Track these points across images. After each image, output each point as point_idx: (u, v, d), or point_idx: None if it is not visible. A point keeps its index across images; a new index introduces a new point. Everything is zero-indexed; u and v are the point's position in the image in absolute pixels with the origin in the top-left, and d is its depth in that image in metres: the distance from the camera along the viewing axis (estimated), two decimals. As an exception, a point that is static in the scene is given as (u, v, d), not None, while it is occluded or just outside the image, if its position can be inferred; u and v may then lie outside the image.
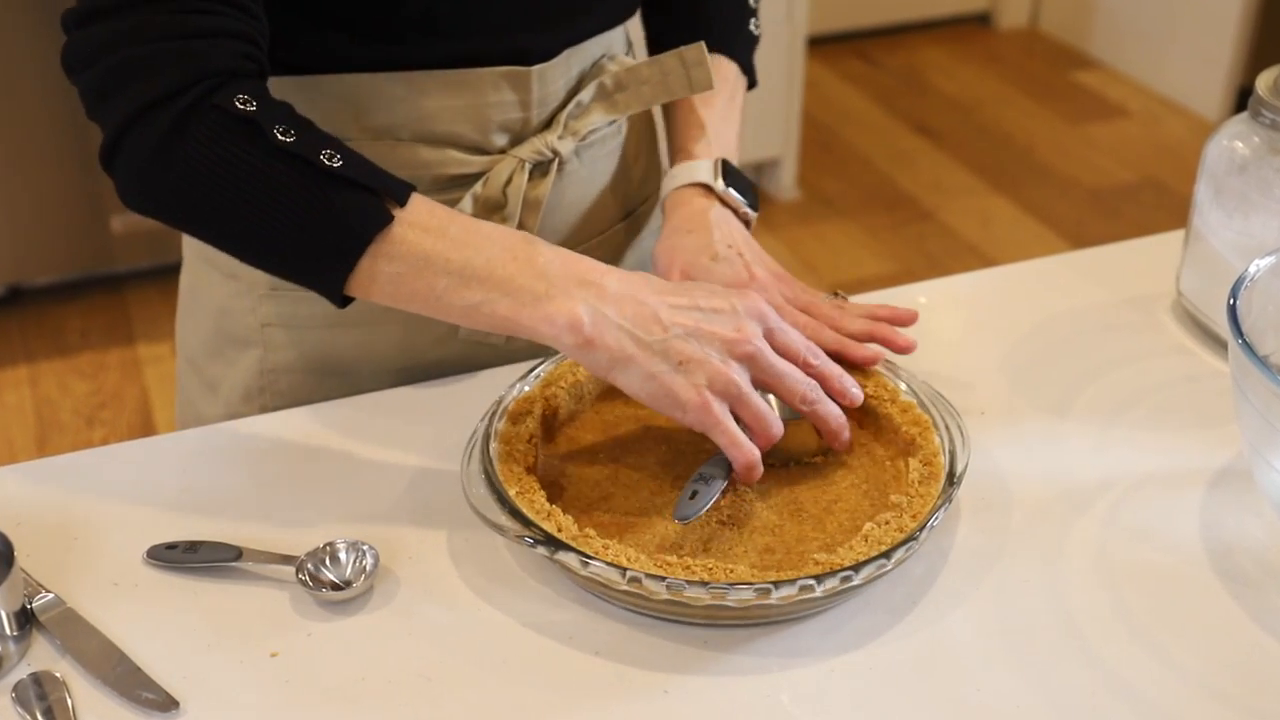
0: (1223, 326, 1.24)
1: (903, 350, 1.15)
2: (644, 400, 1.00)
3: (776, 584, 0.91)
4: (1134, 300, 1.35)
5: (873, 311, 1.19)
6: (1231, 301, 1.02)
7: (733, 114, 1.33)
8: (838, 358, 1.11)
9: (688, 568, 0.93)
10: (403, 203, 1.01)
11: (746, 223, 1.26)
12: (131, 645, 0.95)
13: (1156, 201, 3.79)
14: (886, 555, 0.94)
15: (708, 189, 1.25)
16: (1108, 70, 4.57)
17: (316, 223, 0.99)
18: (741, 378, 1.00)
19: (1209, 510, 1.08)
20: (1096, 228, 3.64)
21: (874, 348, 1.15)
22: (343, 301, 1.03)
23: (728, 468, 1.03)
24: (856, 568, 0.93)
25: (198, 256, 1.29)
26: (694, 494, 1.01)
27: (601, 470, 1.08)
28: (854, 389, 1.08)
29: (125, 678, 0.92)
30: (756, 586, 0.91)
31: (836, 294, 1.22)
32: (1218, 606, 0.99)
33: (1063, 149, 4.07)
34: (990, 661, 0.94)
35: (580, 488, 1.06)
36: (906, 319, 1.19)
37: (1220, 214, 1.25)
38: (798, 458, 1.08)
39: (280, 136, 0.99)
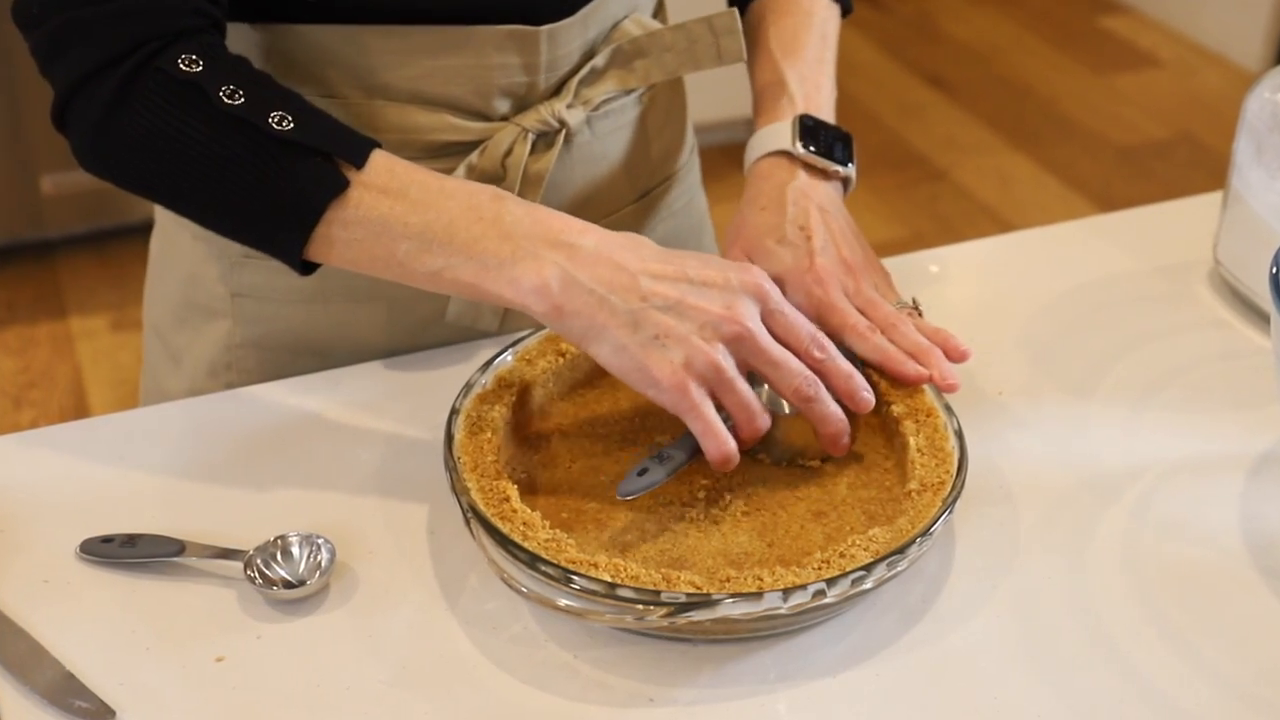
0: (1264, 297, 1.24)
1: (945, 389, 1.09)
2: (616, 374, 1.00)
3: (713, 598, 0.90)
4: (1166, 269, 1.35)
5: (929, 336, 1.14)
6: (1274, 270, 1.02)
7: (826, 55, 1.29)
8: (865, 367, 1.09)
9: (619, 570, 0.92)
10: (360, 164, 1.02)
11: (845, 181, 1.23)
12: (63, 649, 0.94)
13: (1191, 160, 3.79)
14: (853, 575, 0.92)
15: (791, 156, 1.22)
16: (1137, 15, 4.57)
17: (268, 191, 1.02)
18: (726, 360, 0.99)
19: (1249, 500, 1.08)
20: (1125, 188, 3.64)
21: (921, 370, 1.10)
22: (304, 268, 1.05)
23: (692, 451, 1.03)
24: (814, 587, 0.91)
25: (169, 216, 1.30)
26: (644, 471, 1.01)
27: (572, 457, 1.08)
28: (864, 391, 1.05)
29: (56, 685, 0.91)
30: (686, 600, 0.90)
31: (914, 302, 1.18)
32: (1259, 606, 0.99)
33: (1088, 102, 4.07)
34: (1009, 668, 0.94)
35: (550, 474, 1.06)
36: (958, 355, 1.13)
37: (1262, 174, 1.25)
38: (793, 458, 1.07)
39: (226, 100, 1.01)
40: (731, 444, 1.00)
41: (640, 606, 0.90)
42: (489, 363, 1.10)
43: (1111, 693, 0.92)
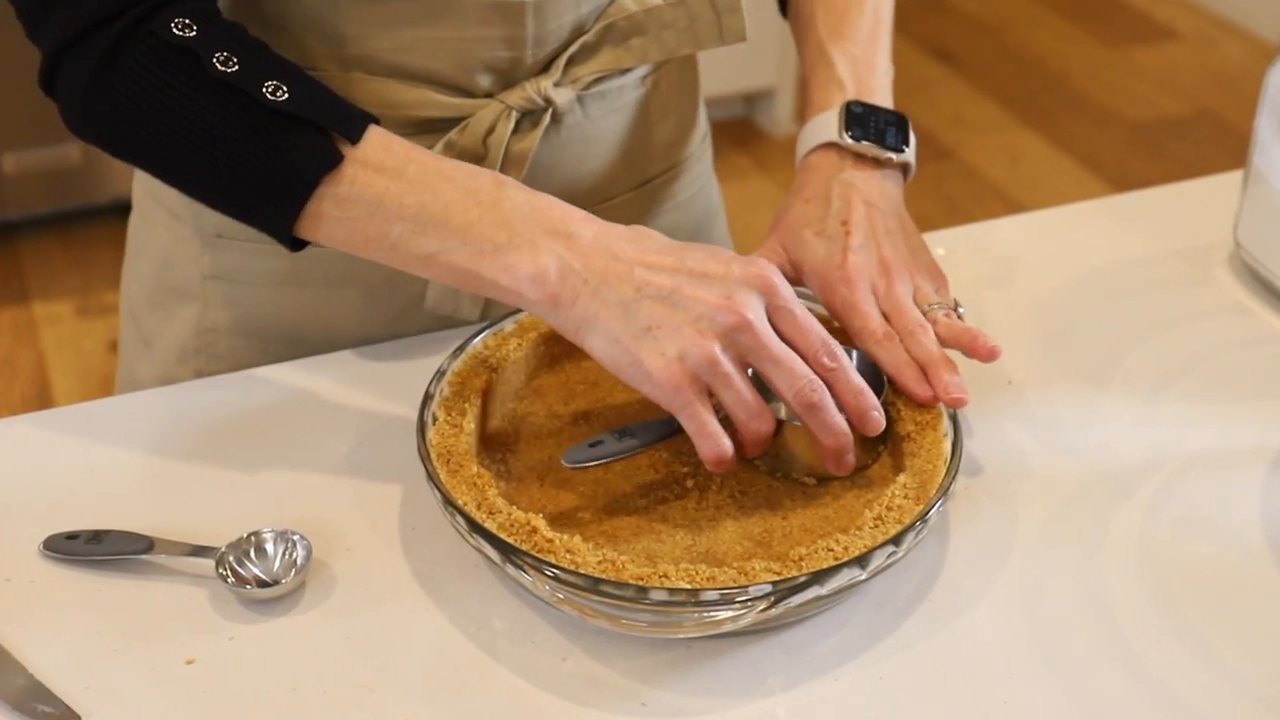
0: (1287, 282, 1.24)
1: (949, 404, 1.06)
2: (610, 369, 1.00)
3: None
4: (1184, 252, 1.35)
5: (956, 337, 1.10)
6: (1297, 253, 1.02)
7: (880, 31, 1.27)
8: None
9: (568, 550, 0.93)
10: (355, 139, 1.02)
11: (905, 168, 1.21)
12: (26, 652, 0.94)
13: (1210, 137, 3.79)
14: (820, 580, 0.91)
15: (839, 148, 1.19)
16: (1154, -14, 4.58)
17: (258, 163, 1.02)
18: (723, 353, 0.98)
19: (1271, 494, 1.08)
20: (1141, 167, 3.65)
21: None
22: (294, 244, 1.06)
23: (659, 436, 1.03)
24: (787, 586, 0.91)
25: (146, 193, 1.31)
26: (597, 443, 1.02)
27: (546, 446, 1.08)
28: (874, 411, 1.02)
29: (19, 690, 0.91)
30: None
31: (956, 306, 1.14)
32: None
33: (1102, 77, 4.07)
34: (1019, 669, 0.94)
35: (522, 462, 1.07)
36: (985, 353, 1.09)
37: (1285, 152, 1.25)
38: (790, 471, 1.05)
39: (220, 66, 1.01)
40: (726, 445, 0.99)
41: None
42: (461, 347, 1.10)
43: (1125, 694, 0.92)
